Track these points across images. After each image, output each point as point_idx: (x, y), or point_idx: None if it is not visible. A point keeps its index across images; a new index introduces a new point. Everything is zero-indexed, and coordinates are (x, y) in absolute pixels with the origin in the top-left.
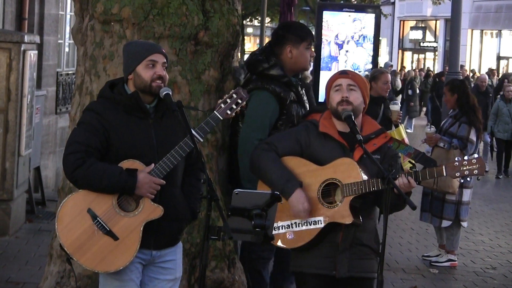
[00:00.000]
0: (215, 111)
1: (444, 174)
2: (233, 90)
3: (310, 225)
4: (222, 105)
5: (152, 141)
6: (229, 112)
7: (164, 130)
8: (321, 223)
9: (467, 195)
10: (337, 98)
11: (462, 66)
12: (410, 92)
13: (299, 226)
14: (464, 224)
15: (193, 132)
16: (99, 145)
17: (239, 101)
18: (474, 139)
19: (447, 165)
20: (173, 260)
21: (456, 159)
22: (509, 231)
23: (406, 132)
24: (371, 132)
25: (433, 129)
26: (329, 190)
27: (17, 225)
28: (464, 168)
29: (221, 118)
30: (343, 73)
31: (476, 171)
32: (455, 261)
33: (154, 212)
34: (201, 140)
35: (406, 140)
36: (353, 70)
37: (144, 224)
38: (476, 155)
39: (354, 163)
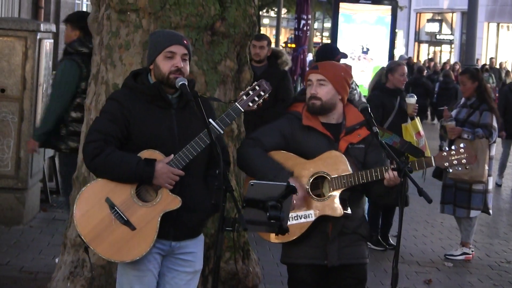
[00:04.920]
0: (236, 103)
1: (433, 164)
2: (256, 82)
3: (301, 219)
4: (244, 97)
5: (174, 131)
6: (250, 104)
7: (186, 121)
8: (311, 217)
9: (491, 183)
10: (308, 93)
11: (477, 60)
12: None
13: (290, 221)
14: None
15: (213, 123)
16: (119, 134)
17: (262, 93)
18: (496, 126)
19: (435, 155)
20: (193, 252)
21: (443, 148)
22: None
23: None
24: (356, 123)
25: (453, 122)
26: (317, 182)
27: (31, 214)
28: (453, 158)
29: (243, 110)
30: (314, 68)
31: (465, 160)
32: (470, 254)
33: (172, 203)
34: (221, 132)
35: (422, 133)
36: (328, 62)
37: (162, 215)
38: (462, 144)
39: (342, 156)
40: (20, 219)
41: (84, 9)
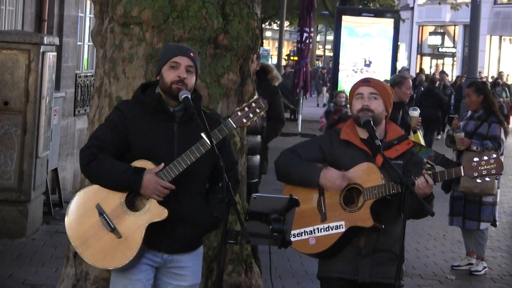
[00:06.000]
0: (229, 119)
1: (462, 174)
2: (252, 99)
3: (332, 230)
4: (239, 113)
5: (173, 145)
6: (244, 120)
7: (188, 135)
8: (342, 228)
9: (498, 195)
10: (358, 105)
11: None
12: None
13: (321, 232)
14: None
15: (204, 137)
16: (116, 141)
17: (257, 110)
18: (504, 138)
19: (465, 165)
20: (187, 266)
21: (474, 159)
22: None
23: None
24: (394, 138)
25: (462, 133)
26: (351, 195)
27: (34, 227)
28: (482, 168)
29: (235, 126)
30: (365, 82)
31: (494, 170)
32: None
33: (159, 214)
34: (209, 147)
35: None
36: (376, 78)
37: (156, 227)
38: (494, 155)
39: (374, 167)
40: (23, 232)
41: (88, 22)
